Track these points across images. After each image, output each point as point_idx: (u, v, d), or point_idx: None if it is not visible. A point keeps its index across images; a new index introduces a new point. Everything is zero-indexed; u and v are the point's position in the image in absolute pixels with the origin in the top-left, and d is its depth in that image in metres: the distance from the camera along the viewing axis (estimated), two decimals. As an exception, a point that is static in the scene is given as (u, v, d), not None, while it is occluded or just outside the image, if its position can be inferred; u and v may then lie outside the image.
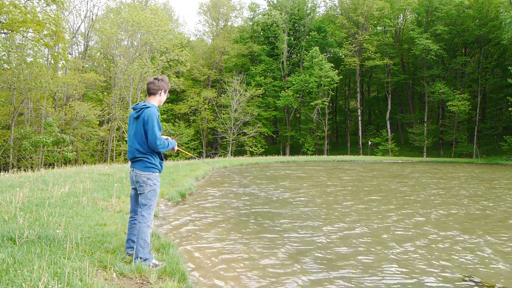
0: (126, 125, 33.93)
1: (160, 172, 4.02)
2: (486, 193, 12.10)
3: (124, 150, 35.35)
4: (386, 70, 48.07)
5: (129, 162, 4.11)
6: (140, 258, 3.80)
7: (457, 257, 5.15)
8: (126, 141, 35.20)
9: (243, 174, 17.45)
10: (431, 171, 21.85)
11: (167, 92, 4.15)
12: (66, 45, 21.96)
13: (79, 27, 40.63)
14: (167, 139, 4.08)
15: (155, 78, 4.07)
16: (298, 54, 49.15)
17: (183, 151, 5.40)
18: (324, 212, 8.10)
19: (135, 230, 3.98)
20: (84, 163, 29.89)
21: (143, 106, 3.92)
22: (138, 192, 3.97)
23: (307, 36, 47.54)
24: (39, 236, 4.15)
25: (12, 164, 27.07)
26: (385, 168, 23.46)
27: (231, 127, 40.59)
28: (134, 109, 4.01)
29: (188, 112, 45.27)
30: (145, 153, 3.89)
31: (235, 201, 9.35)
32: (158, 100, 4.08)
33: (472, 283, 4.25)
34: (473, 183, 15.13)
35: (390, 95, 49.03)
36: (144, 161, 3.89)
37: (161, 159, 4.04)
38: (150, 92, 4.05)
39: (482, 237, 6.28)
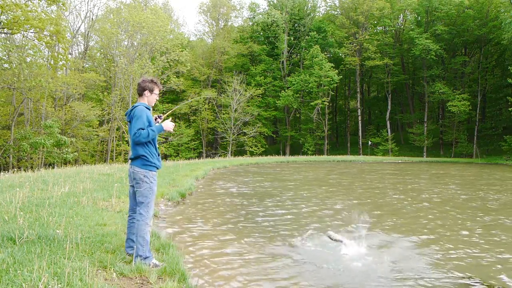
0: (126, 125, 33.95)
1: (158, 168, 4.12)
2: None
3: (124, 150, 35.35)
4: (386, 70, 48.07)
5: (129, 162, 4.16)
6: (140, 256, 3.83)
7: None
8: (126, 141, 35.30)
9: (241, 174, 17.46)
10: (409, 169, 21.97)
11: (154, 92, 4.18)
12: (67, 45, 21.91)
13: (79, 27, 40.65)
14: (159, 117, 4.19)
15: (142, 80, 4.19)
16: (298, 54, 49.15)
17: (171, 110, 5.07)
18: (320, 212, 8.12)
19: (134, 229, 4.02)
20: (84, 163, 29.88)
21: (132, 108, 4.06)
22: (135, 189, 4.03)
23: (307, 36, 47.55)
24: (39, 236, 4.15)
25: (12, 164, 27.06)
26: (363, 167, 23.50)
27: (231, 127, 40.59)
28: (126, 114, 4.15)
29: (188, 112, 45.27)
30: (145, 151, 3.99)
31: (234, 200, 9.36)
32: (146, 101, 4.17)
33: (472, 283, 4.25)
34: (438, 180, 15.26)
35: (390, 95, 49.04)
36: (143, 159, 3.99)
37: (158, 155, 4.14)
38: (138, 93, 4.22)
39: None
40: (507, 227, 7.13)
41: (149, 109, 4.11)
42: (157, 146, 4.14)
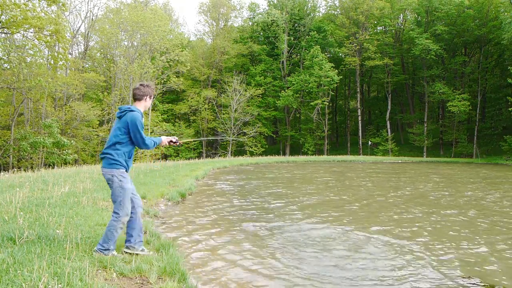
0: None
1: (126, 170, 4.01)
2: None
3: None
4: (386, 70, 48.09)
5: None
6: (102, 246, 3.88)
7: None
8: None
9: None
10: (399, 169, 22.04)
11: (152, 97, 4.27)
12: (67, 45, 21.90)
13: (79, 27, 40.70)
14: (175, 142, 4.38)
15: (140, 84, 4.19)
16: (298, 54, 49.15)
17: (186, 140, 5.86)
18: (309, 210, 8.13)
19: (131, 223, 4.12)
20: (84, 163, 29.88)
21: (127, 109, 4.00)
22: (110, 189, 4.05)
23: (307, 36, 47.56)
24: (39, 236, 4.15)
25: (12, 164, 27.05)
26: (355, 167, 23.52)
27: (231, 127, 40.60)
28: (119, 109, 4.09)
29: (188, 112, 45.28)
30: (109, 150, 3.94)
31: (234, 199, 9.36)
32: (143, 106, 4.19)
33: (472, 283, 4.25)
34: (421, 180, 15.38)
35: (390, 95, 49.04)
36: (108, 158, 3.94)
37: (129, 157, 4.02)
38: (136, 98, 4.16)
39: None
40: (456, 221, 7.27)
41: (142, 116, 4.15)
42: (131, 149, 4.02)
